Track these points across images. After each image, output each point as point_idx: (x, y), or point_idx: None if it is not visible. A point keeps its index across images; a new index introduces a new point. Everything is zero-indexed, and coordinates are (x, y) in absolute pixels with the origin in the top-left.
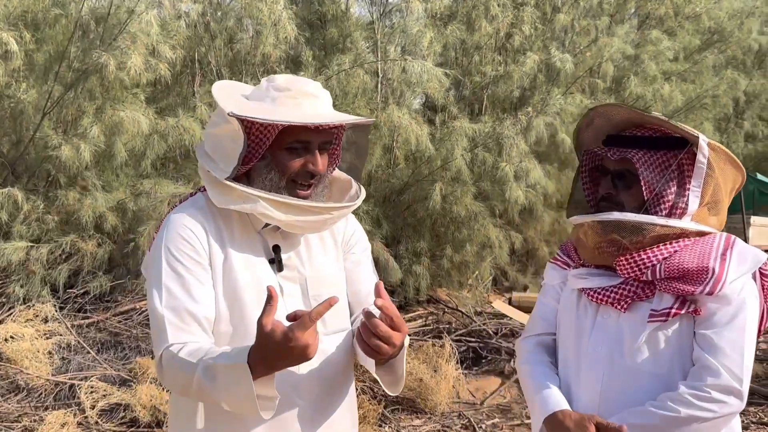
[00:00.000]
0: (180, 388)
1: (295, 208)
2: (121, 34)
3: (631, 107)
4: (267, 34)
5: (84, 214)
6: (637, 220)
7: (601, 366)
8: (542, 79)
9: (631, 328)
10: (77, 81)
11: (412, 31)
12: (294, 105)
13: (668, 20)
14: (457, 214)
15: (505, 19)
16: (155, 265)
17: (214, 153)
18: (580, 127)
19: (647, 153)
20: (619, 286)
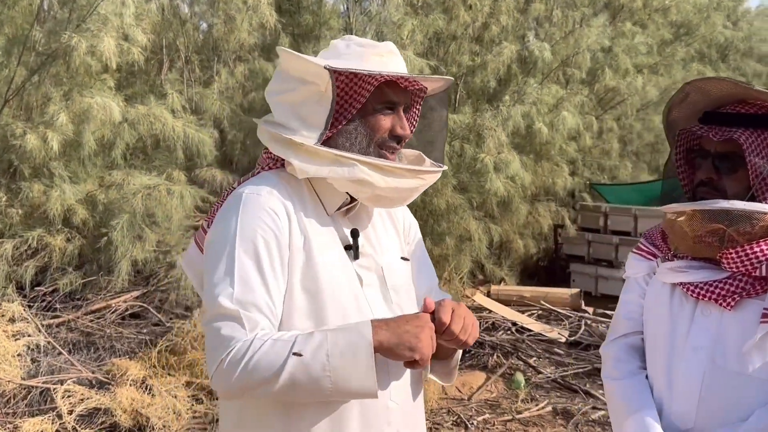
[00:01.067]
0: (258, 385)
1: (393, 171)
2: (90, 16)
3: (738, 81)
4: (242, 20)
5: (51, 207)
6: (747, 208)
7: (701, 371)
8: (517, 70)
9: (739, 328)
10: (42, 65)
11: (391, 19)
12: (381, 62)
13: (638, 12)
14: (437, 206)
15: (483, 8)
16: (226, 248)
17: (290, 121)
18: (673, 104)
19: (754, 133)
20: (724, 281)
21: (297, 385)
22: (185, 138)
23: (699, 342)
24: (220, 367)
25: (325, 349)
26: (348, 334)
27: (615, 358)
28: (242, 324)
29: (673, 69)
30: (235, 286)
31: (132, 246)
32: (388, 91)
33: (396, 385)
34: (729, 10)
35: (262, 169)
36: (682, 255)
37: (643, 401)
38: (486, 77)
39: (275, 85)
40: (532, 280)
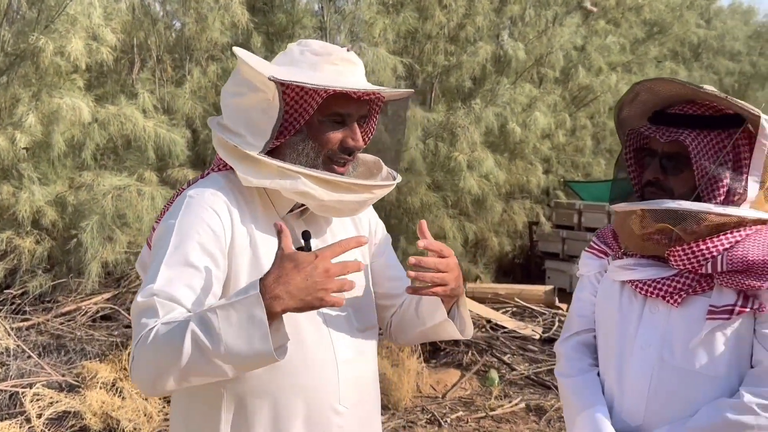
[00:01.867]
0: (164, 367)
1: (338, 185)
2: (59, 17)
3: (685, 82)
4: (213, 19)
5: (20, 209)
6: (692, 208)
7: (649, 368)
8: (491, 69)
9: (685, 324)
10: (10, 66)
11: (364, 18)
12: (336, 72)
13: (612, 11)
14: (411, 205)
15: (459, 9)
16: (161, 244)
17: (237, 126)
18: (623, 103)
19: (700, 134)
20: (672, 278)
21: (198, 361)
22: (156, 138)
23: (647, 339)
24: (135, 355)
25: (218, 325)
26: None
27: (567, 355)
28: (156, 312)
29: (646, 67)
30: (158, 280)
31: (102, 247)
32: (338, 104)
33: (346, 388)
34: (702, 9)
35: (212, 170)
36: (631, 253)
37: (594, 398)
38: (461, 77)
39: (230, 86)
40: (508, 278)
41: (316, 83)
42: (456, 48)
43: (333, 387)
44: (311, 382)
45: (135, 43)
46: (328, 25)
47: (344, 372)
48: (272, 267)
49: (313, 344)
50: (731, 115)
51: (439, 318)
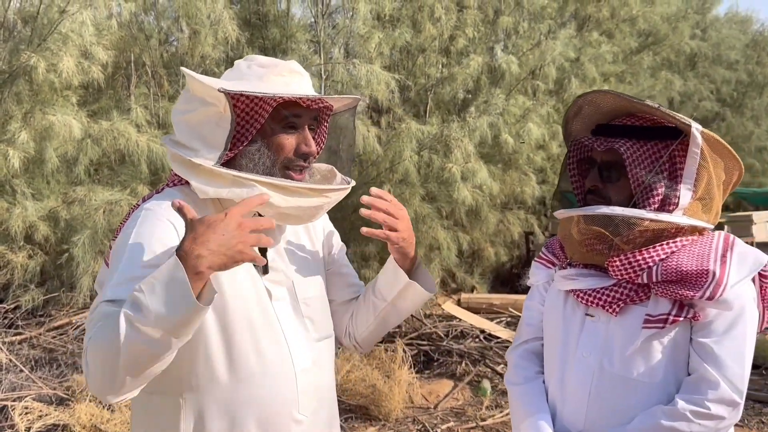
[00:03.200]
0: (108, 360)
1: (294, 191)
2: (51, 35)
3: (622, 94)
4: (206, 35)
5: (13, 224)
6: (625, 214)
7: (589, 374)
8: (485, 81)
9: (624, 333)
10: (3, 84)
11: (358, 33)
12: (283, 82)
13: (605, 22)
14: None
15: (449, 21)
16: (117, 260)
17: (191, 141)
18: (569, 116)
19: (636, 143)
20: (611, 288)
21: (135, 339)
22: (149, 152)
23: (588, 347)
24: (86, 364)
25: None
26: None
27: (515, 363)
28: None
29: (640, 77)
30: (111, 288)
31: (94, 262)
32: (288, 111)
33: (305, 397)
34: (697, 19)
35: (167, 185)
36: (575, 263)
37: (538, 405)
38: (455, 88)
39: (180, 104)
40: (505, 288)
41: (265, 91)
42: (448, 60)
43: (292, 396)
44: (271, 392)
45: (131, 59)
46: (321, 39)
47: (302, 381)
48: (185, 233)
49: (272, 355)
50: (672, 126)
51: (402, 281)
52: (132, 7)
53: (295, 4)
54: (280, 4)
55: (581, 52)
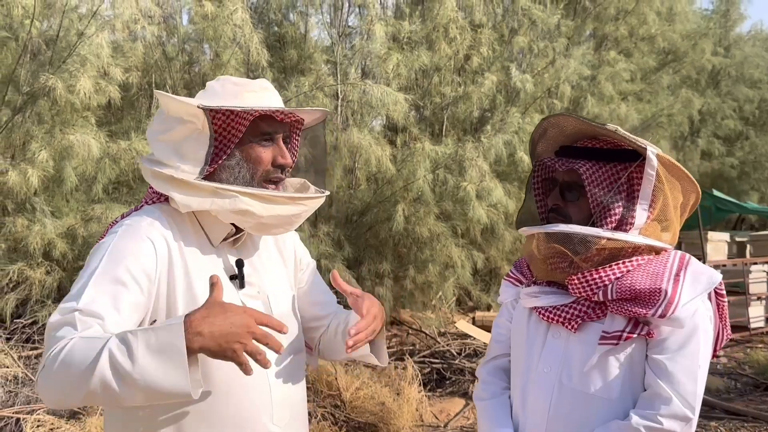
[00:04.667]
0: (74, 383)
1: (274, 200)
2: (70, 57)
3: (581, 118)
4: (228, 58)
5: (32, 241)
6: (582, 232)
7: (550, 389)
8: (501, 100)
9: (582, 349)
10: (26, 104)
11: (374, 54)
12: (256, 98)
13: (623, 41)
14: (419, 234)
15: (464, 41)
16: (90, 265)
17: (170, 159)
18: (534, 137)
19: (595, 165)
20: (570, 305)
21: (109, 380)
22: None
23: (549, 363)
24: (43, 368)
25: (136, 348)
26: (163, 335)
27: (483, 379)
28: (75, 326)
29: (659, 96)
30: (83, 298)
31: None
32: (264, 124)
33: (279, 408)
34: (719, 36)
35: (145, 203)
36: (539, 281)
37: (501, 420)
38: (470, 107)
39: (156, 125)
40: None
41: (243, 105)
42: (463, 79)
43: (267, 407)
44: (247, 404)
45: (153, 79)
46: (338, 59)
47: (276, 393)
48: (202, 306)
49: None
50: (632, 149)
51: (365, 352)
52: (155, 30)
53: (314, 26)
54: (299, 26)
55: (598, 71)
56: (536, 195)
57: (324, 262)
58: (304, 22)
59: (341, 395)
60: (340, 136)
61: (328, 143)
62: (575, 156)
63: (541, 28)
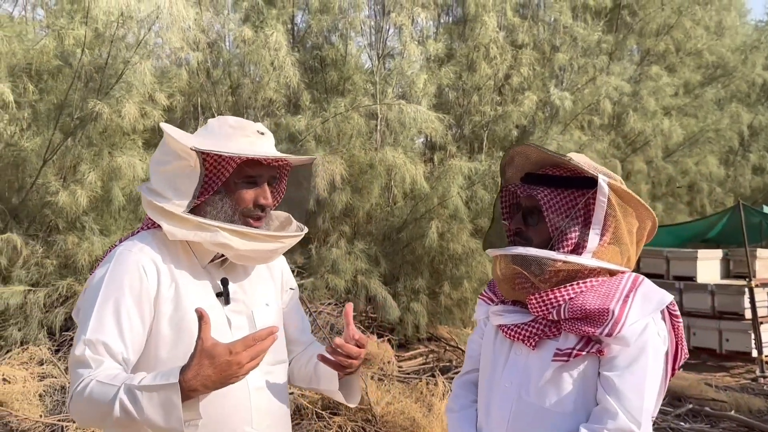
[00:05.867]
0: (98, 417)
1: (252, 237)
2: (117, 84)
3: (542, 148)
4: (268, 80)
5: (80, 258)
6: (538, 255)
7: (509, 403)
8: (542, 117)
9: (539, 365)
10: (76, 128)
11: (408, 74)
12: (248, 142)
13: (669, 56)
14: (454, 251)
15: (504, 61)
16: (92, 295)
17: (165, 190)
18: (503, 164)
19: (554, 191)
20: (530, 323)
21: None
22: None
23: (510, 378)
24: (72, 399)
25: (142, 401)
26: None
27: (455, 393)
28: (89, 365)
29: (704, 110)
30: (89, 330)
31: None
32: (249, 169)
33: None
34: None
35: (142, 228)
36: (505, 300)
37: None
38: (509, 125)
39: (158, 155)
40: None
41: (230, 151)
42: (503, 98)
43: (245, 413)
44: (226, 409)
45: (198, 103)
46: (377, 80)
47: (256, 399)
48: (191, 360)
49: None
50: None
51: (333, 387)
52: (199, 57)
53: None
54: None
55: (641, 86)
56: (504, 218)
57: (360, 278)
58: (344, 44)
59: (372, 410)
60: (375, 155)
61: (363, 162)
62: (538, 183)
63: (581, 45)
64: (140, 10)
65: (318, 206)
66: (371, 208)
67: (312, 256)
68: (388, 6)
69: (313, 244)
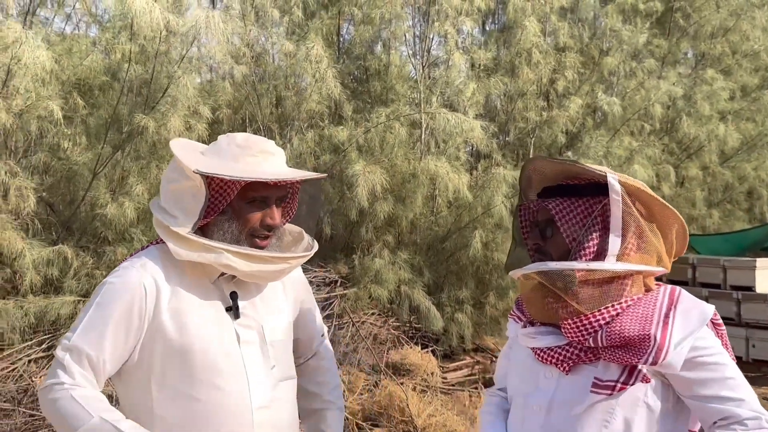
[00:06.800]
0: (57, 423)
1: (257, 258)
2: (163, 98)
3: (550, 158)
4: (311, 92)
5: None
6: (557, 267)
7: (538, 427)
8: (590, 123)
9: (572, 391)
10: (124, 142)
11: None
12: (255, 162)
13: (725, 59)
14: (499, 261)
15: (547, 65)
16: (91, 301)
17: (172, 208)
18: (520, 180)
19: (566, 200)
20: (564, 347)
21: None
22: None
23: (540, 401)
24: (42, 391)
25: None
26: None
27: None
28: (64, 370)
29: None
30: (75, 334)
31: None
32: (256, 189)
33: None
34: None
35: (154, 242)
36: (535, 321)
37: None
38: (555, 132)
39: (169, 173)
40: None
41: (232, 175)
42: (548, 103)
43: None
44: (226, 427)
45: (245, 116)
46: (422, 89)
47: (259, 417)
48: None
49: (231, 392)
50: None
51: None
52: (244, 70)
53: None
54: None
55: (694, 90)
56: (524, 237)
57: (403, 288)
58: (387, 54)
59: (413, 421)
60: (417, 165)
61: (405, 172)
62: (552, 195)
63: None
64: (179, 24)
65: (360, 216)
66: (415, 217)
67: (355, 266)
68: (432, 15)
69: (357, 254)
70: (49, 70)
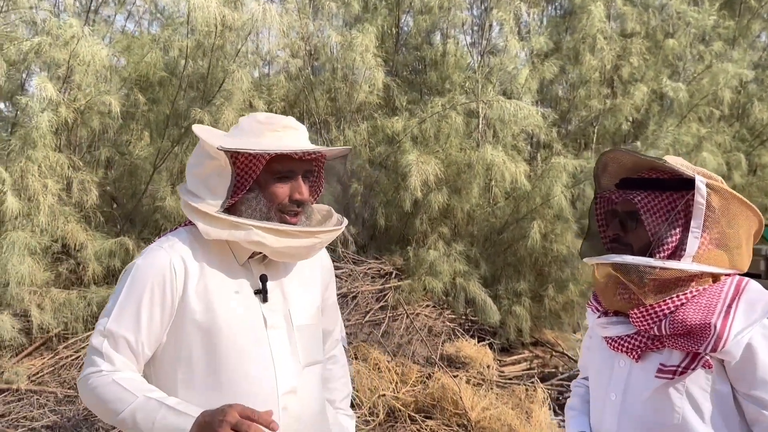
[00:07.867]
0: (102, 410)
1: (286, 233)
2: (219, 92)
3: (634, 152)
4: (362, 83)
5: None
6: (635, 262)
7: (615, 415)
8: (656, 110)
9: (643, 378)
10: (182, 136)
11: (510, 70)
12: (277, 137)
13: None
14: (558, 252)
15: (611, 51)
16: (120, 285)
17: (199, 191)
18: (597, 172)
19: (651, 195)
20: (633, 336)
21: (125, 425)
22: None
23: (615, 389)
24: (81, 381)
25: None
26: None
27: (574, 394)
28: (102, 357)
29: None
30: (111, 319)
31: None
32: (280, 164)
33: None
34: None
35: (183, 224)
36: (608, 311)
37: None
38: (619, 119)
39: (193, 158)
40: None
41: (255, 148)
42: (612, 91)
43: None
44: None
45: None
46: (479, 78)
47: (285, 403)
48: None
49: (257, 377)
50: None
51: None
52: (299, 63)
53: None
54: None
55: (767, 74)
56: (600, 226)
57: (459, 280)
58: (444, 44)
59: (467, 414)
60: (473, 154)
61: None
62: (634, 187)
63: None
64: (234, 18)
65: (415, 207)
66: (471, 208)
67: (410, 257)
68: (491, 2)
69: (411, 245)
70: (107, 66)
